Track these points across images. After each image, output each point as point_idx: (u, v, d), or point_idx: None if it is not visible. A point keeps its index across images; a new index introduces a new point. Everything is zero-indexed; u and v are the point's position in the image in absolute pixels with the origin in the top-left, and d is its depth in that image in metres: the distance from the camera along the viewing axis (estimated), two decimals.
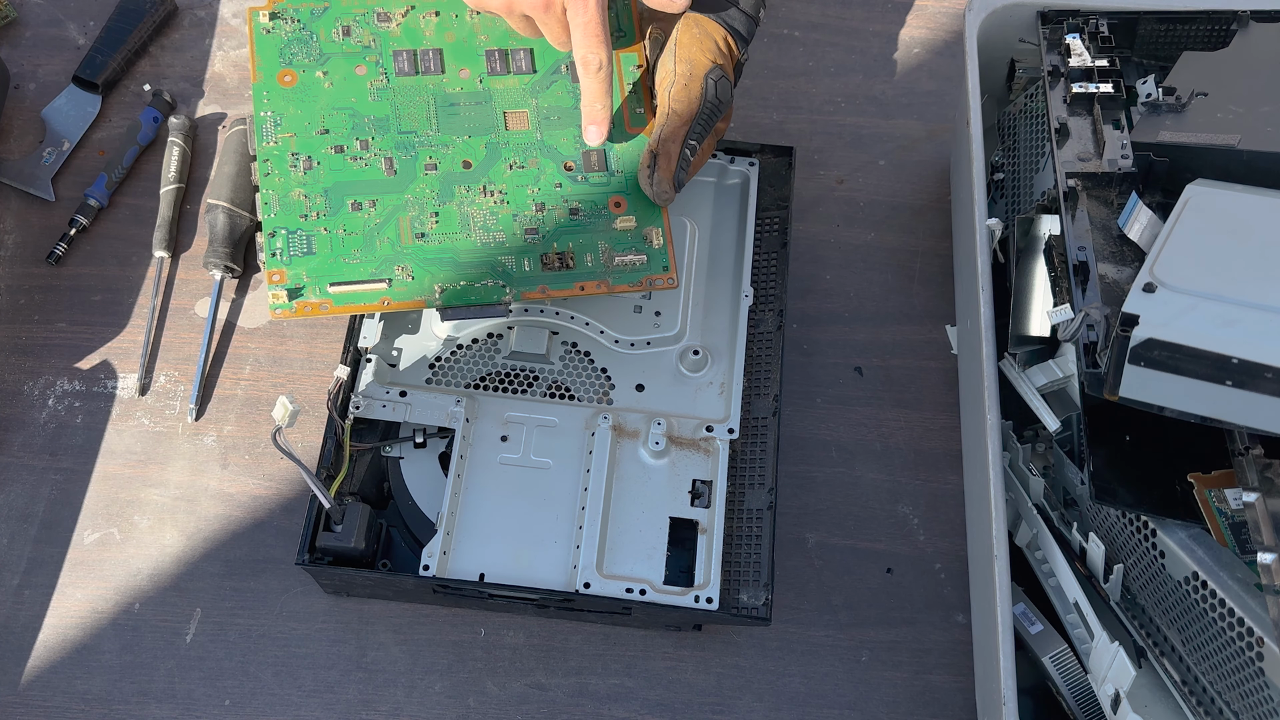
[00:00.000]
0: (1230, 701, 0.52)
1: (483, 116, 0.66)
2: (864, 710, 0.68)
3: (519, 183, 0.65)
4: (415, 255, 0.63)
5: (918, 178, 0.84)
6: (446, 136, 0.66)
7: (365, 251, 0.63)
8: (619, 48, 0.68)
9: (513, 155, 0.66)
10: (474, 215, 0.64)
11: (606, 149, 0.67)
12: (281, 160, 0.64)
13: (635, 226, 0.66)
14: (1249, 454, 0.51)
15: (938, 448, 0.75)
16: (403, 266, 0.63)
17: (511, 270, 0.64)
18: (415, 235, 0.63)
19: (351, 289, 0.62)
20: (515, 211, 0.65)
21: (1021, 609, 0.65)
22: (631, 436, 0.67)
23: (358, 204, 0.64)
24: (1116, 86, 0.64)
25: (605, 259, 0.65)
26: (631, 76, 0.68)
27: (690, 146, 0.65)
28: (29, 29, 0.88)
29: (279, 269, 0.62)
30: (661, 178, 0.65)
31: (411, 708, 0.67)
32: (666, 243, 0.67)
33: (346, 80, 0.66)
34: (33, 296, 0.78)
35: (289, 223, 0.63)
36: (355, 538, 0.63)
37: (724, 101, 0.66)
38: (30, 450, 0.74)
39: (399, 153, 0.65)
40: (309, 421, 0.74)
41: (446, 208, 0.64)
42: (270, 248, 0.63)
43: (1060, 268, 0.61)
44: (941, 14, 0.90)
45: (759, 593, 0.64)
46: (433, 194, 0.64)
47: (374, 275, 0.62)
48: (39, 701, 0.67)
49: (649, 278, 0.66)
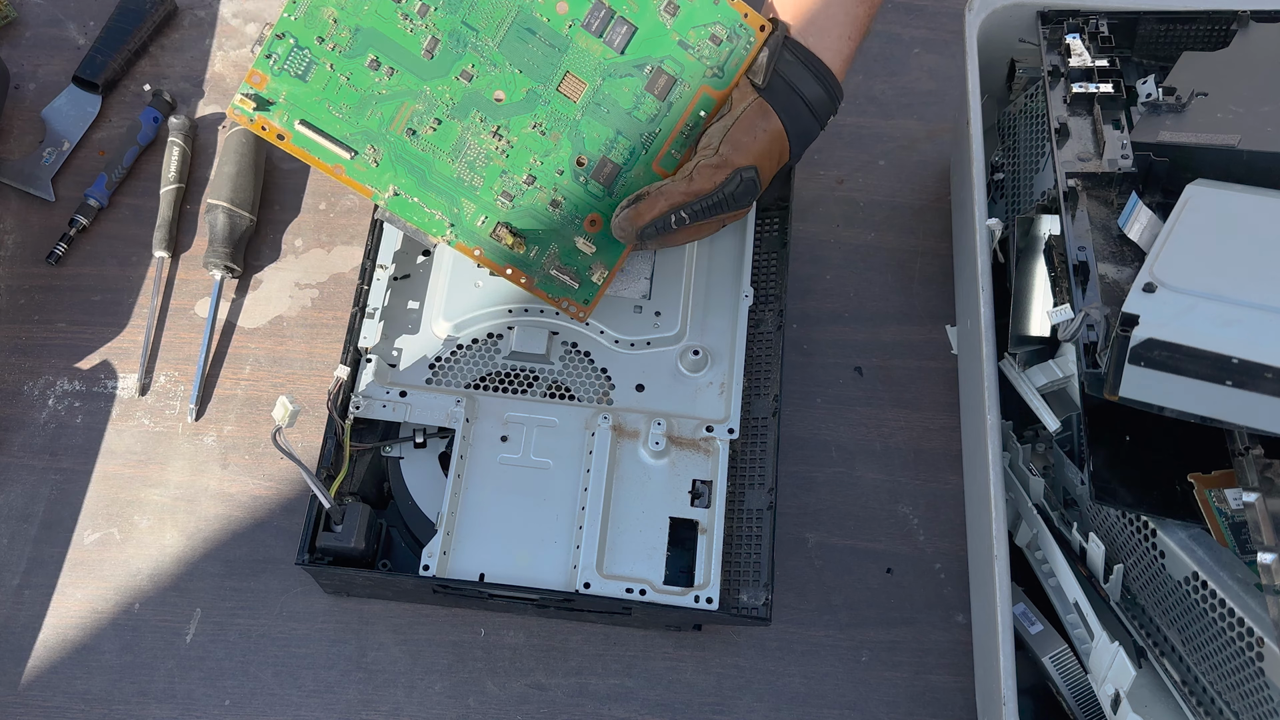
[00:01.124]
0: (1230, 701, 0.52)
1: (546, 62, 0.63)
2: (864, 710, 0.68)
3: (530, 146, 0.64)
4: (394, 147, 0.61)
5: (918, 178, 0.84)
6: (500, 57, 0.62)
7: (353, 112, 0.61)
8: (707, 85, 0.64)
9: (544, 117, 0.63)
10: (470, 147, 0.62)
11: (626, 168, 0.65)
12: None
13: (591, 254, 0.66)
14: (1249, 454, 0.51)
15: (938, 448, 0.75)
16: (376, 149, 0.61)
17: (465, 218, 0.63)
18: (407, 129, 0.61)
19: (317, 138, 0.60)
20: (507, 169, 0.63)
21: (1021, 609, 0.65)
22: (631, 436, 0.67)
23: (376, 63, 0.61)
24: (1116, 86, 0.64)
25: (547, 262, 0.65)
26: (695, 119, 0.65)
27: (679, 218, 0.62)
28: (29, 29, 0.88)
29: (265, 74, 0.59)
30: (628, 216, 0.62)
31: (411, 708, 0.67)
32: (603, 284, 0.67)
33: None
34: (33, 296, 0.78)
35: (303, 36, 0.60)
36: (355, 538, 0.63)
37: (740, 201, 0.63)
38: (30, 450, 0.74)
39: (449, 40, 0.61)
40: (309, 421, 0.74)
41: (451, 123, 0.62)
42: (270, 48, 0.59)
43: (1060, 268, 0.61)
44: (941, 14, 0.90)
45: (759, 593, 0.64)
46: (450, 101, 0.62)
47: (345, 140, 0.60)
48: (39, 701, 0.67)
49: (567, 300, 0.67)
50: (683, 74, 0.64)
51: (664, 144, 0.65)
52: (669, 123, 0.65)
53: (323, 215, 0.81)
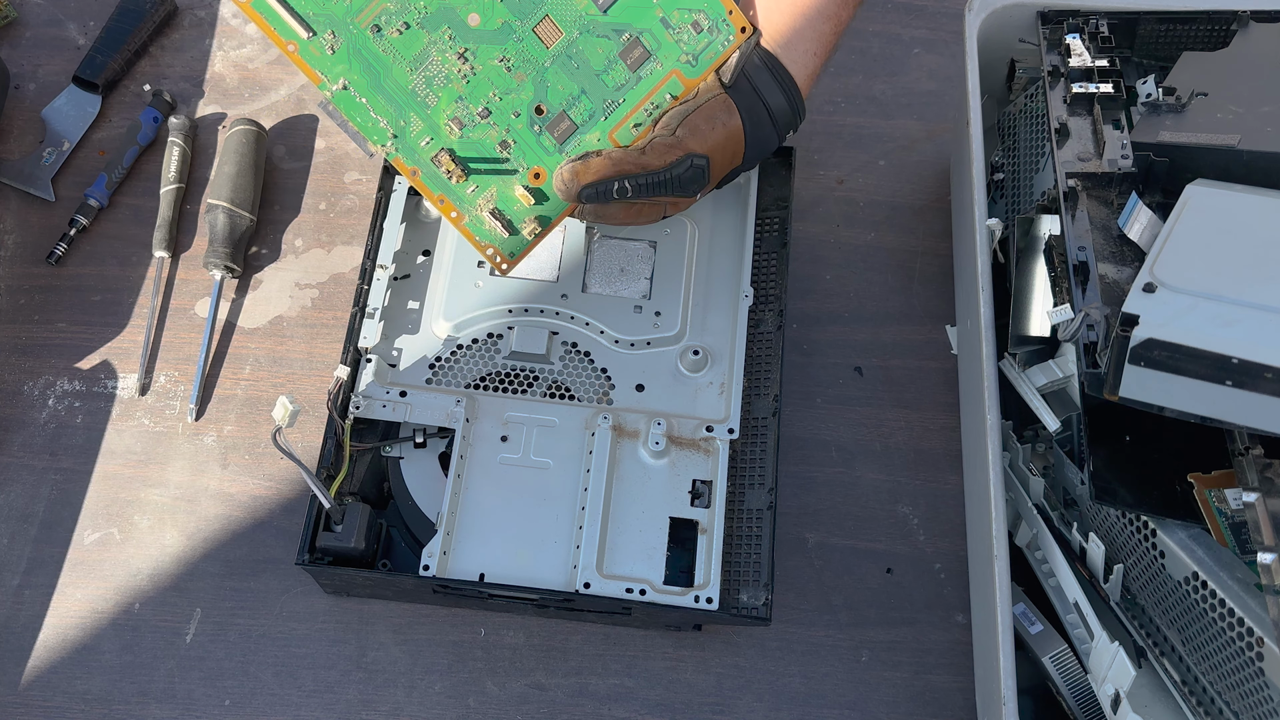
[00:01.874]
0: (1230, 701, 0.52)
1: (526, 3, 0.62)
2: (864, 710, 0.68)
3: (492, 79, 0.62)
4: (355, 40, 0.60)
5: (918, 178, 0.84)
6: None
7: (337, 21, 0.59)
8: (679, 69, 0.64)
9: (514, 54, 0.62)
10: (432, 62, 0.61)
11: (585, 126, 0.64)
12: None
13: (528, 207, 0.64)
14: (1249, 454, 0.51)
15: (938, 448, 0.75)
16: (336, 35, 0.59)
17: (410, 135, 0.61)
18: (372, 25, 0.60)
19: (278, 8, 0.58)
20: (464, 95, 0.62)
21: (1021, 609, 0.65)
22: (631, 436, 0.67)
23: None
24: (1116, 86, 0.64)
25: (482, 202, 0.64)
26: (660, 99, 0.64)
27: (621, 188, 0.61)
28: (29, 29, 0.88)
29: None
30: (572, 170, 0.61)
31: (411, 708, 0.67)
32: (533, 239, 0.65)
33: None
34: (33, 296, 0.78)
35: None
36: (355, 538, 0.63)
37: (684, 187, 0.62)
38: (30, 450, 0.74)
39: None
40: (309, 421, 0.74)
41: (418, 32, 0.60)
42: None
43: (1060, 268, 0.61)
44: (941, 14, 0.90)
45: (759, 593, 0.64)
46: (422, 9, 0.60)
47: (307, 17, 0.59)
48: (39, 701, 0.67)
49: (493, 249, 0.65)
50: (658, 51, 0.63)
51: (625, 116, 0.64)
52: (634, 96, 0.64)
53: (323, 215, 0.81)
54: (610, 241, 0.73)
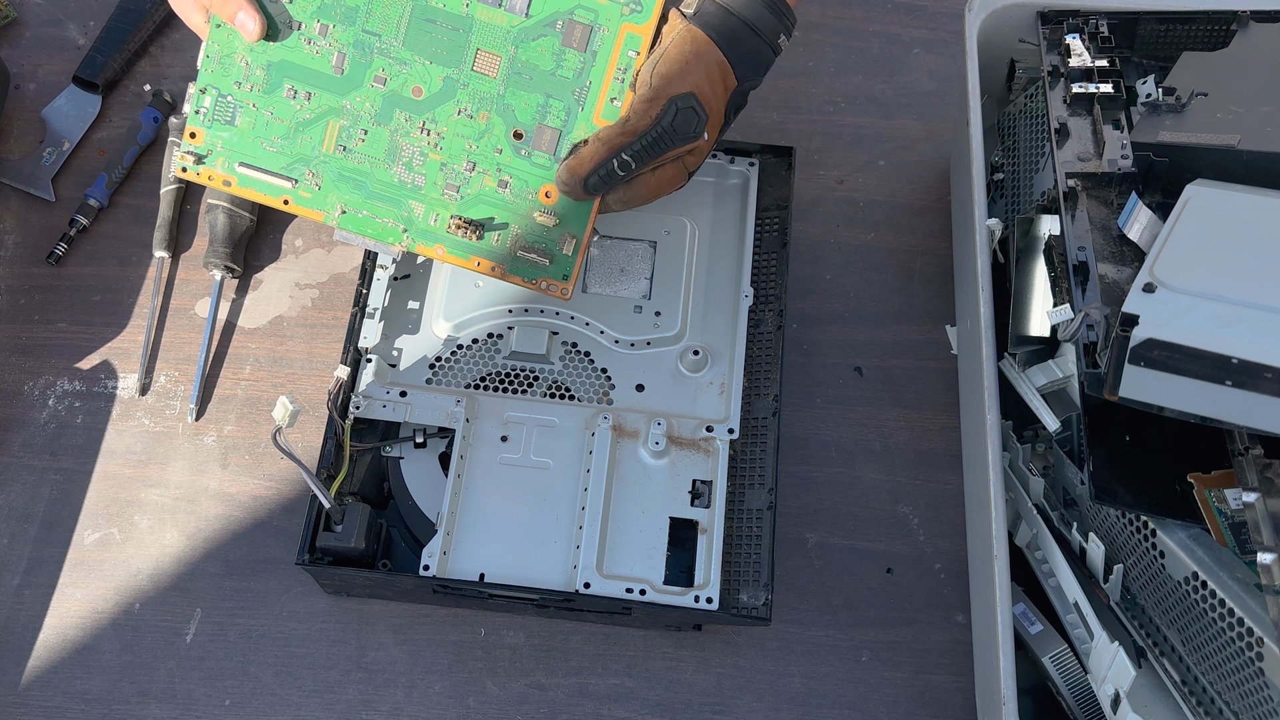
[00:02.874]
0: (1230, 701, 0.52)
1: (453, 46, 0.61)
2: (864, 710, 0.68)
3: (461, 132, 0.62)
4: (331, 166, 0.62)
5: (918, 178, 0.84)
6: (408, 54, 0.61)
7: (285, 143, 0.62)
8: (628, 23, 0.61)
9: (467, 100, 0.62)
10: (403, 149, 0.62)
11: (566, 128, 0.62)
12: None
13: (555, 226, 0.63)
14: (1249, 454, 0.51)
15: (938, 448, 0.75)
16: (315, 172, 0.61)
17: (417, 219, 0.62)
18: (338, 146, 0.61)
19: (258, 175, 0.61)
20: (445, 161, 0.62)
21: (1021, 609, 0.65)
22: (631, 436, 0.67)
23: (294, 91, 0.62)
24: (1116, 86, 0.64)
25: (512, 245, 0.63)
26: (626, 61, 0.61)
27: (622, 162, 0.59)
28: (29, 29, 0.88)
29: (199, 128, 0.61)
30: (567, 167, 0.60)
31: (411, 708, 0.67)
32: (577, 253, 0.63)
33: None
34: (33, 296, 0.78)
35: (223, 85, 0.62)
36: (355, 538, 0.63)
37: (681, 133, 0.59)
38: (30, 450, 0.74)
39: (354, 51, 0.62)
40: (309, 421, 0.74)
41: (379, 130, 0.62)
42: (197, 104, 0.62)
43: (1060, 268, 0.61)
44: (941, 14, 0.90)
45: (759, 593, 0.64)
46: (371, 110, 0.62)
47: (284, 170, 0.61)
48: (39, 701, 0.67)
49: (545, 280, 0.64)
50: (597, 18, 0.61)
51: (599, 95, 0.62)
52: (599, 73, 0.62)
53: None
54: (610, 242, 0.73)
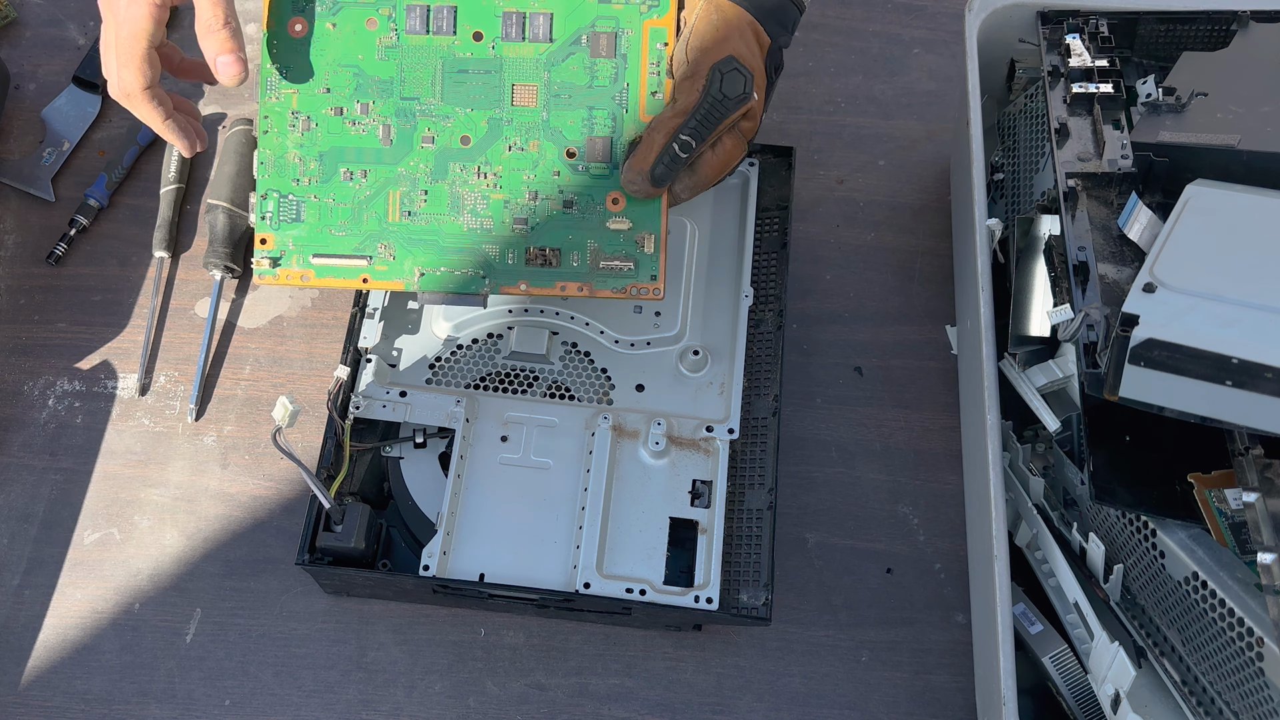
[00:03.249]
0: (1230, 701, 0.52)
1: (489, 88, 0.62)
2: (864, 710, 0.68)
3: (516, 166, 0.63)
4: (400, 234, 0.62)
5: (918, 178, 0.84)
6: (448, 108, 0.63)
7: (352, 224, 0.62)
8: (649, 19, 0.62)
9: (514, 135, 0.63)
10: (465, 197, 0.62)
11: (617, 134, 0.63)
12: (281, 118, 0.63)
13: (630, 229, 0.63)
14: (1249, 454, 0.51)
15: (938, 448, 0.75)
16: (386, 244, 0.61)
17: (494, 261, 0.62)
18: (403, 213, 0.62)
19: (333, 262, 0.61)
20: (508, 198, 0.62)
21: (1021, 609, 0.65)
22: (631, 436, 0.67)
23: (350, 173, 0.62)
24: (1116, 86, 0.64)
25: (592, 260, 0.62)
26: (656, 54, 0.62)
27: (682, 143, 0.59)
28: (29, 29, 0.88)
29: (268, 233, 0.61)
30: (631, 165, 0.60)
31: (411, 708, 0.67)
32: (659, 250, 0.63)
33: (356, 34, 0.63)
34: (33, 296, 0.78)
35: (282, 185, 0.62)
36: (355, 538, 0.63)
37: (732, 97, 0.59)
38: (30, 450, 0.74)
39: (398, 120, 0.62)
40: (309, 421, 0.74)
41: (437, 186, 0.62)
42: (261, 210, 0.62)
43: (1060, 268, 0.61)
44: (941, 14, 0.90)
45: (759, 593, 0.64)
46: (426, 170, 0.62)
47: (357, 250, 0.61)
48: (39, 701, 0.67)
49: (634, 285, 0.63)
50: (619, 24, 0.62)
51: (640, 94, 0.63)
52: (633, 73, 0.63)
53: None
54: None
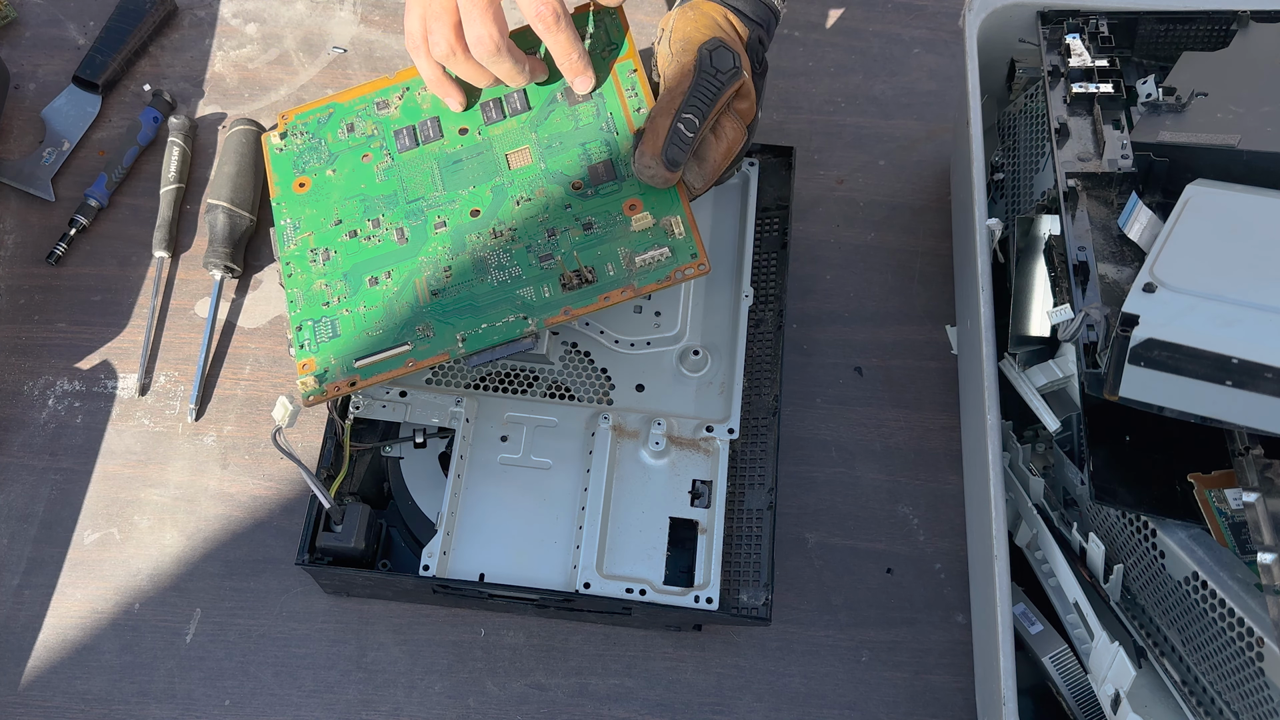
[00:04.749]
0: (1230, 701, 0.52)
1: (485, 164, 0.66)
2: (864, 710, 0.68)
3: (528, 214, 0.64)
4: (433, 312, 0.62)
5: (918, 178, 0.84)
6: (452, 193, 0.65)
7: (386, 320, 0.62)
8: (614, 59, 0.67)
9: (519, 191, 0.65)
10: (488, 258, 0.63)
11: (613, 156, 0.64)
12: (302, 259, 0.65)
13: (654, 223, 0.63)
14: (1249, 454, 0.51)
15: (938, 448, 0.75)
16: (423, 325, 0.62)
17: (531, 300, 0.62)
18: (430, 294, 0.63)
19: (376, 359, 0.62)
20: (528, 243, 0.63)
21: (1021, 609, 0.65)
22: (631, 436, 0.67)
23: (374, 279, 0.64)
24: (1116, 86, 0.64)
25: (627, 263, 0.62)
26: (629, 81, 0.66)
27: (686, 121, 0.60)
28: (29, 29, 0.88)
29: (308, 358, 0.62)
30: (644, 151, 0.61)
31: (411, 708, 0.67)
32: (690, 229, 0.62)
33: (355, 171, 0.67)
34: (33, 296, 0.78)
35: (314, 313, 0.64)
36: (355, 538, 0.63)
37: (724, 70, 0.61)
38: (30, 450, 0.74)
39: (409, 221, 0.65)
40: (309, 421, 0.74)
41: (459, 258, 0.63)
42: (298, 340, 0.63)
43: (1060, 268, 0.61)
44: (941, 14, 0.90)
45: (759, 593, 0.64)
46: (445, 250, 0.64)
47: (397, 341, 0.62)
48: (39, 701, 0.67)
49: (678, 269, 0.62)
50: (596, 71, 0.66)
51: (624, 116, 0.65)
52: (614, 104, 0.66)
53: None
54: None
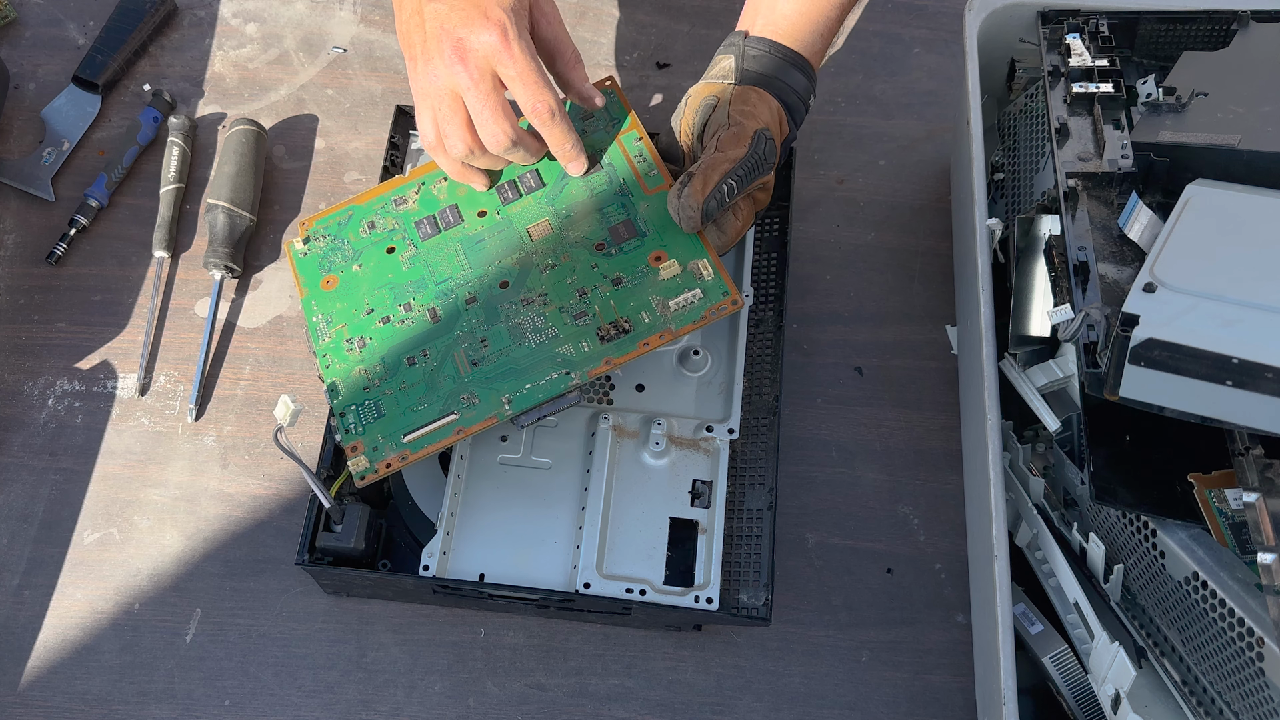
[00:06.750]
0: (1230, 701, 0.52)
1: (507, 240, 0.67)
2: (864, 710, 0.68)
3: (556, 279, 0.65)
4: (476, 380, 0.63)
5: (918, 178, 0.84)
6: (479, 270, 0.66)
7: (429, 394, 0.63)
8: (617, 132, 0.68)
9: (545, 259, 0.66)
10: (522, 324, 0.64)
11: (632, 214, 0.66)
12: (338, 350, 0.66)
13: (681, 270, 0.64)
14: (1249, 454, 0.51)
15: (938, 448, 0.75)
16: (467, 394, 0.62)
17: (571, 356, 0.62)
18: (470, 364, 0.63)
19: (425, 431, 0.62)
20: (561, 305, 0.64)
21: (1021, 609, 0.65)
22: (632, 437, 0.67)
23: (412, 359, 0.64)
24: (1116, 86, 0.64)
25: (661, 310, 0.63)
26: (635, 149, 0.68)
27: (729, 186, 0.62)
28: (29, 29, 0.88)
29: (355, 441, 0.62)
30: (691, 192, 0.62)
31: (411, 708, 0.67)
32: (717, 269, 0.63)
33: (380, 262, 0.68)
34: (33, 296, 0.78)
35: (356, 399, 0.64)
36: (355, 538, 0.63)
37: (768, 161, 0.63)
38: (30, 450, 0.74)
39: (439, 301, 0.66)
40: (309, 421, 0.74)
41: (494, 328, 0.64)
42: (344, 426, 0.63)
43: (1060, 268, 0.61)
44: (941, 14, 0.90)
45: (759, 593, 0.64)
46: (479, 322, 0.64)
47: (442, 412, 0.62)
48: (39, 701, 0.67)
49: (712, 308, 0.63)
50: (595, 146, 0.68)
51: (636, 180, 0.67)
52: (624, 170, 0.67)
53: None
54: None
